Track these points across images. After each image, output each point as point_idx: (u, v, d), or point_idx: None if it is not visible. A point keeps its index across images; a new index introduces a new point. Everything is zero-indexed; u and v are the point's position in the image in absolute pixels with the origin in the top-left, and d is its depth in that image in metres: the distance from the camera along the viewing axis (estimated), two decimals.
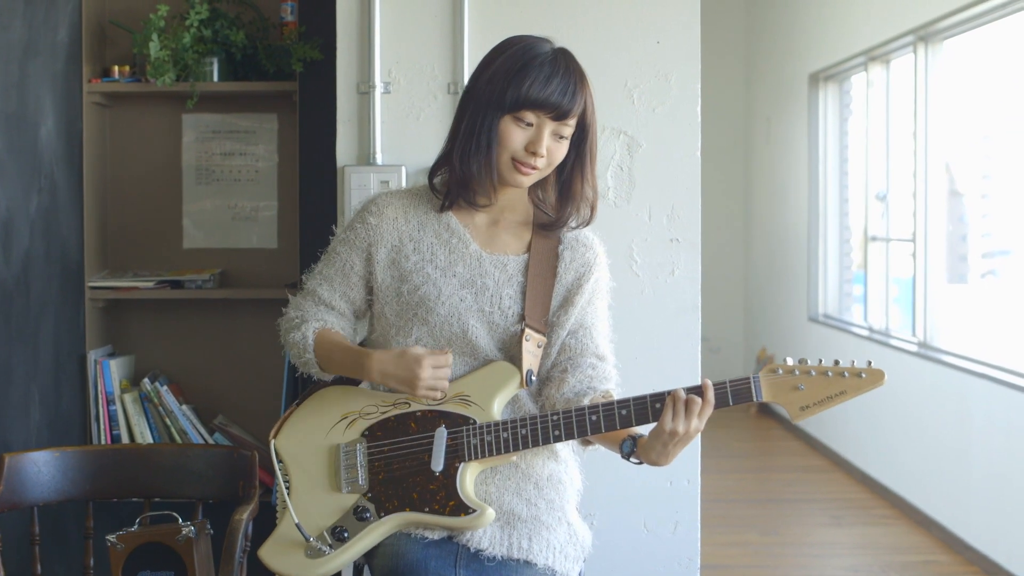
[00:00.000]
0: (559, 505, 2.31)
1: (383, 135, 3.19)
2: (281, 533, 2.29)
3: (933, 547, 5.52)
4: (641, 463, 2.24)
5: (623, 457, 2.25)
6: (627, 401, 2.20)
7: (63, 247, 3.55)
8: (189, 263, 3.87)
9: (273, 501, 2.45)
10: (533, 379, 2.29)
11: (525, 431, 2.22)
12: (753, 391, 2.19)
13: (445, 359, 2.22)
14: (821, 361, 2.20)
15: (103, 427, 3.63)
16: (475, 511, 2.20)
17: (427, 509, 2.22)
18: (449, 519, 2.21)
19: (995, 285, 6.19)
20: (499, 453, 2.23)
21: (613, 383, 2.34)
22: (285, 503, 2.29)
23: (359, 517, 2.24)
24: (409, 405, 2.28)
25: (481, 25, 3.17)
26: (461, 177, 2.29)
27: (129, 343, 3.86)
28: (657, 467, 2.23)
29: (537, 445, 2.22)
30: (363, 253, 2.35)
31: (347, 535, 2.24)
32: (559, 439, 2.22)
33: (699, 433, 2.19)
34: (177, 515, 2.60)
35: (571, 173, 2.33)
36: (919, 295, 6.20)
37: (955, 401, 5.60)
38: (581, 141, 2.30)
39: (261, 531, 2.44)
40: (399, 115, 3.19)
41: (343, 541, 2.24)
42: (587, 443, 2.34)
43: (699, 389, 2.18)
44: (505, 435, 2.22)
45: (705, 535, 3.32)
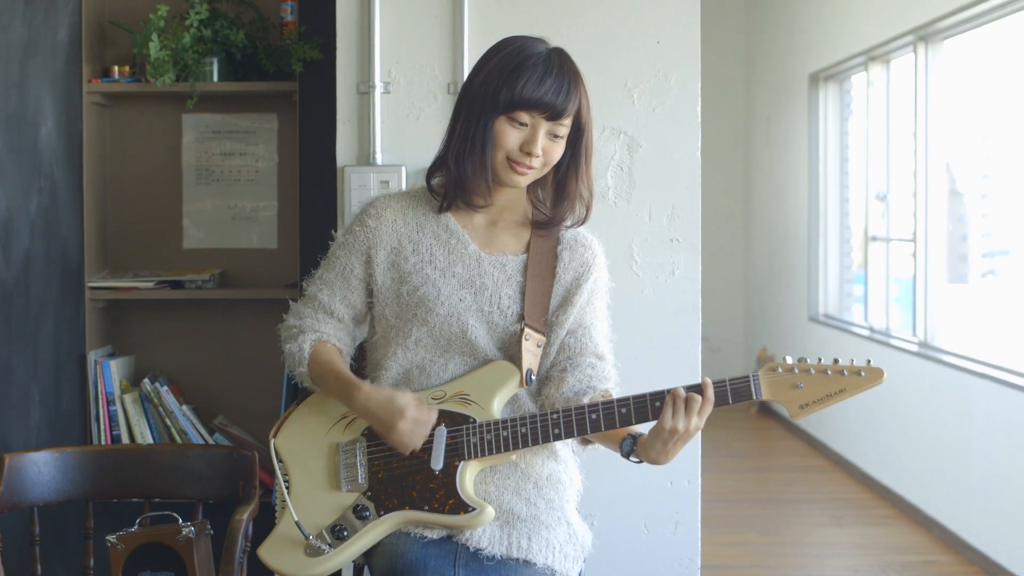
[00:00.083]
0: (558, 505, 2.31)
1: (383, 135, 3.19)
2: (280, 532, 2.29)
3: (933, 547, 5.51)
4: (641, 462, 2.24)
5: (623, 456, 2.25)
6: (627, 400, 2.20)
7: (63, 247, 3.55)
8: (189, 263, 3.87)
9: (273, 501, 2.45)
10: (533, 378, 2.29)
11: (525, 430, 2.22)
12: (752, 389, 2.19)
13: (429, 416, 2.21)
14: (820, 360, 2.20)
15: (103, 427, 3.63)
16: (474, 509, 2.20)
17: (426, 507, 2.22)
18: (448, 517, 2.21)
19: (995, 285, 6.19)
20: (499, 452, 2.23)
21: (612, 382, 2.34)
22: (285, 502, 2.29)
23: (359, 516, 2.25)
24: None
25: (481, 25, 3.17)
26: (457, 178, 2.29)
27: (129, 343, 3.86)
28: (657, 466, 2.23)
29: (537, 443, 2.22)
30: (363, 256, 2.35)
31: (346, 534, 2.24)
32: (559, 437, 2.22)
33: (699, 431, 2.19)
34: (177, 515, 2.60)
35: (566, 172, 2.33)
36: (919, 295, 6.20)
37: (955, 401, 5.60)
38: (577, 140, 2.30)
39: (261, 531, 2.44)
40: (399, 115, 3.19)
41: (342, 540, 2.24)
42: (587, 442, 2.34)
43: (699, 387, 2.18)
44: (505, 434, 2.22)
45: (705, 535, 3.31)
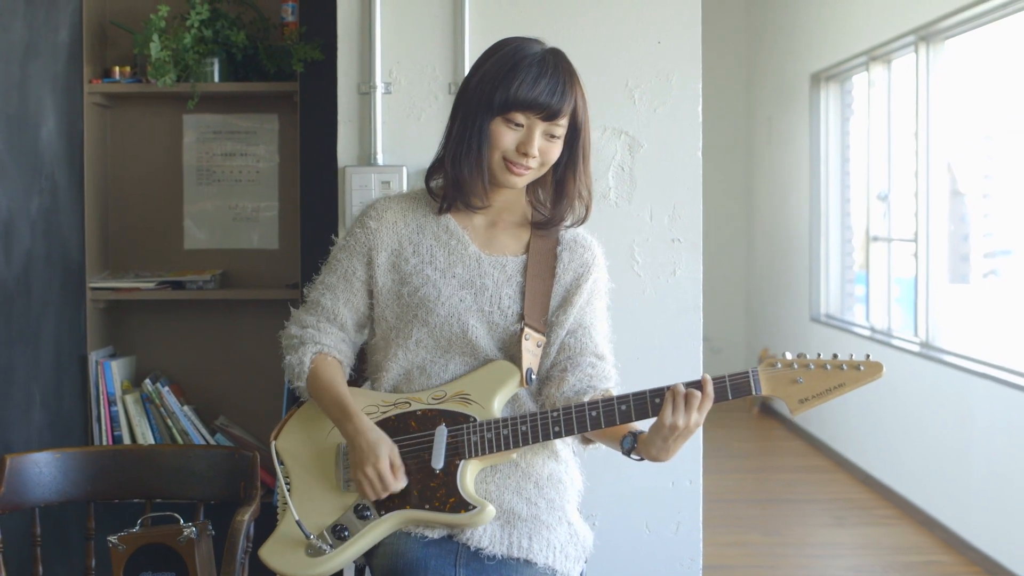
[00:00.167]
0: (559, 505, 2.31)
1: (384, 135, 3.19)
2: (282, 532, 2.29)
3: (935, 547, 5.51)
4: (642, 459, 2.24)
5: (624, 453, 2.25)
6: (627, 397, 2.20)
7: (64, 248, 3.55)
8: (190, 264, 3.87)
9: (274, 502, 2.45)
10: (533, 377, 2.29)
11: (525, 428, 2.22)
12: (752, 385, 2.19)
13: (396, 483, 2.21)
14: (820, 355, 2.20)
15: (104, 428, 3.63)
16: (475, 508, 2.20)
17: (427, 506, 2.22)
18: (450, 516, 2.21)
19: (997, 285, 6.18)
20: (499, 450, 2.23)
21: (613, 382, 2.34)
22: (286, 503, 2.29)
23: (359, 515, 2.25)
24: (409, 404, 2.28)
25: (482, 25, 3.17)
26: (454, 180, 2.29)
27: (130, 344, 3.86)
28: (658, 463, 2.23)
29: (537, 441, 2.23)
30: (364, 258, 2.35)
31: (347, 533, 2.24)
32: (559, 435, 2.22)
33: (699, 428, 2.19)
34: (178, 516, 2.60)
35: (564, 172, 2.33)
36: (921, 295, 6.19)
37: (957, 401, 5.60)
38: (574, 140, 2.30)
39: (262, 532, 2.44)
40: (400, 115, 3.19)
41: (343, 540, 2.24)
42: (587, 442, 2.34)
43: (698, 383, 2.18)
44: (505, 432, 2.22)
45: (707, 535, 3.31)
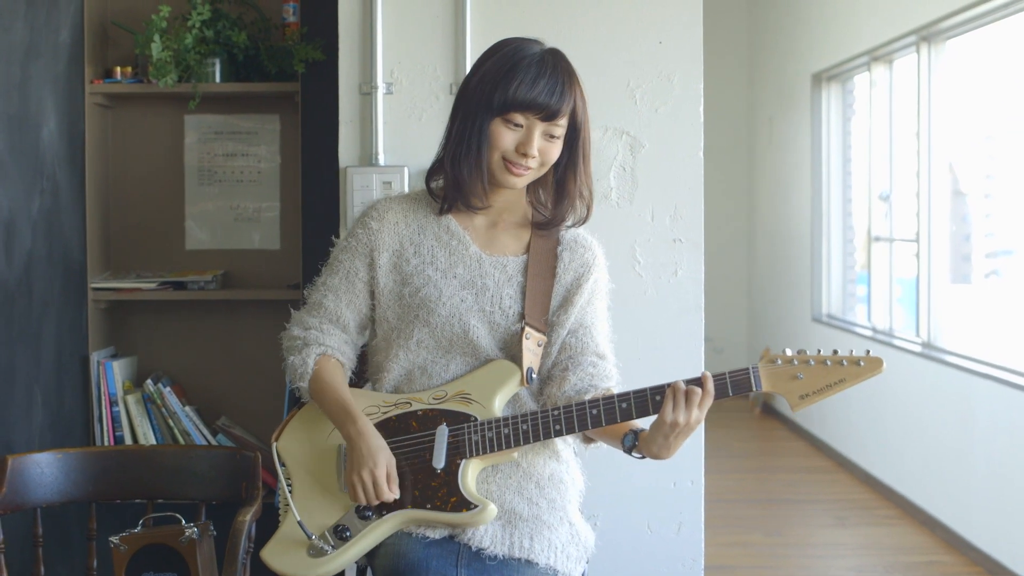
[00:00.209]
0: (561, 505, 2.31)
1: (385, 136, 3.19)
2: (283, 533, 2.29)
3: (937, 547, 5.51)
4: (643, 457, 2.24)
5: (625, 451, 2.25)
6: (627, 394, 2.21)
7: (65, 248, 3.55)
8: (191, 264, 3.87)
9: (276, 502, 2.45)
10: (534, 377, 2.29)
11: (526, 426, 2.22)
12: (752, 381, 2.19)
13: (390, 493, 2.21)
14: (820, 351, 2.20)
15: (106, 428, 3.63)
16: (477, 507, 2.20)
17: (429, 506, 2.22)
18: (451, 515, 2.21)
19: (998, 285, 6.18)
20: (500, 449, 2.23)
21: (614, 381, 2.34)
22: (287, 504, 2.29)
23: (361, 516, 2.24)
24: (410, 404, 2.28)
25: (483, 26, 3.17)
26: (454, 180, 2.30)
27: (132, 344, 3.86)
28: (659, 462, 2.23)
29: (538, 440, 2.23)
30: (366, 258, 2.35)
31: (349, 534, 2.24)
32: (560, 434, 2.22)
33: (700, 424, 2.19)
34: (180, 516, 2.59)
35: (564, 172, 2.33)
36: (923, 295, 6.19)
37: (958, 401, 5.59)
38: (573, 140, 2.31)
39: (264, 532, 2.44)
40: (401, 116, 3.19)
41: (345, 540, 2.24)
42: (589, 441, 2.34)
43: (699, 380, 2.18)
44: (506, 431, 2.22)
45: (709, 536, 3.31)
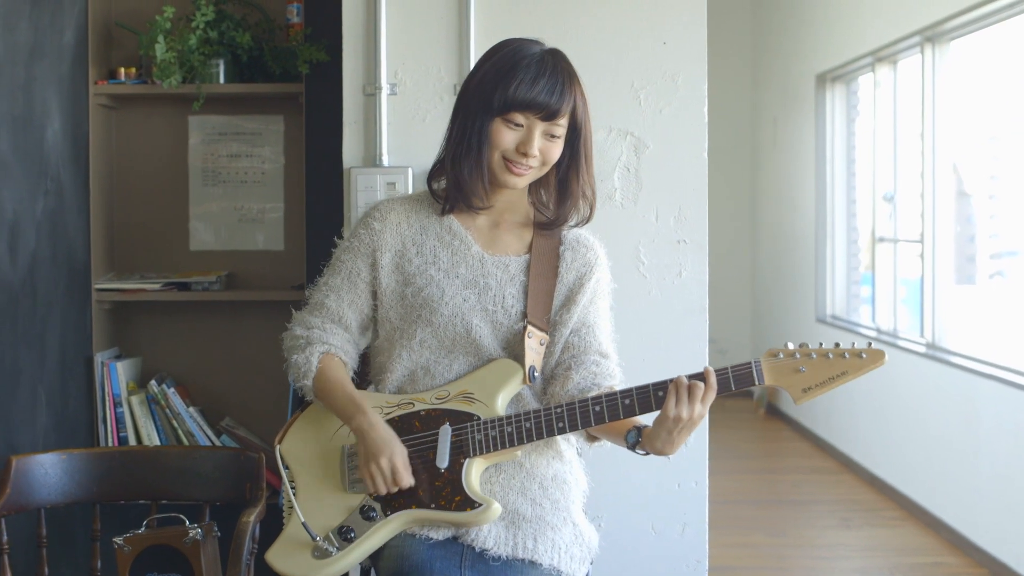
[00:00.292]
0: (564, 505, 2.31)
1: (389, 136, 3.19)
2: (288, 535, 2.29)
3: (941, 549, 5.50)
4: (647, 454, 2.24)
5: (628, 448, 2.25)
6: (630, 391, 2.21)
7: (69, 249, 3.55)
8: (195, 265, 3.87)
9: (280, 503, 2.45)
10: (536, 375, 2.30)
11: (529, 424, 2.22)
12: (755, 375, 2.20)
13: (405, 479, 2.20)
14: (822, 344, 2.21)
15: (110, 429, 3.63)
16: (481, 505, 2.20)
17: (433, 505, 2.22)
18: (455, 514, 2.21)
19: (1003, 286, 6.17)
20: (504, 448, 2.23)
21: (617, 380, 2.34)
22: (292, 506, 2.29)
23: (365, 516, 2.24)
24: (413, 405, 2.28)
25: (487, 26, 3.17)
26: (454, 180, 2.30)
27: (136, 345, 3.86)
28: (664, 461, 2.23)
29: (541, 437, 2.23)
30: (368, 259, 2.36)
31: (354, 535, 2.24)
32: (563, 431, 2.22)
33: (702, 420, 2.19)
34: (184, 517, 2.60)
35: (567, 172, 2.34)
36: (927, 296, 6.18)
37: (963, 402, 5.58)
38: (574, 140, 2.31)
39: (268, 533, 2.44)
40: (405, 116, 3.19)
41: (349, 541, 2.24)
42: (592, 439, 2.34)
43: (701, 375, 2.18)
44: (509, 429, 2.22)
45: (713, 537, 3.31)
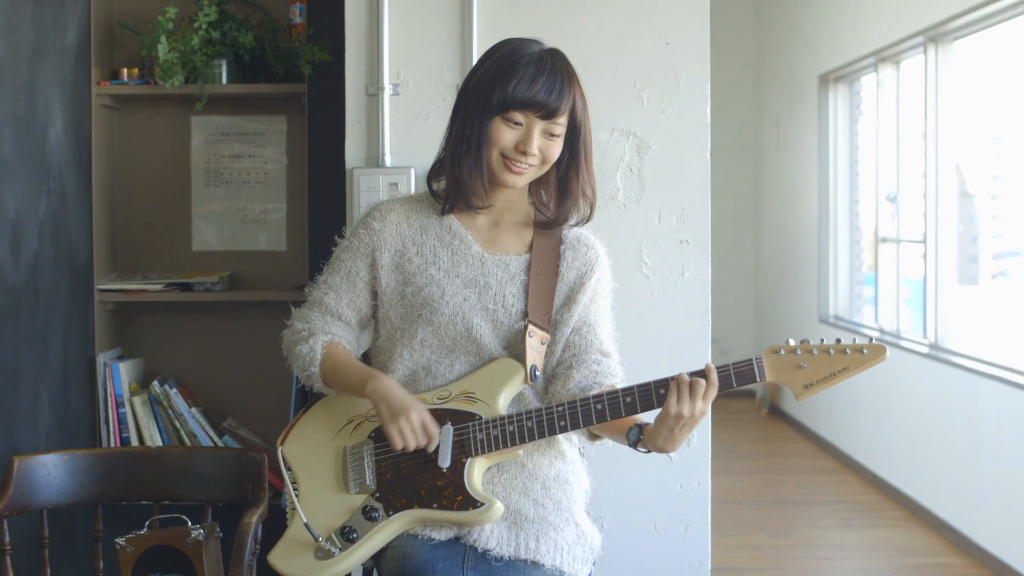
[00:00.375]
0: (566, 506, 2.31)
1: (392, 137, 3.18)
2: (290, 536, 2.29)
3: (944, 549, 5.50)
4: (649, 451, 2.24)
5: (630, 445, 2.25)
6: (631, 388, 2.21)
7: (72, 249, 3.55)
8: (198, 265, 3.87)
9: (282, 504, 2.45)
10: (537, 374, 2.30)
11: (531, 423, 2.22)
12: (756, 371, 2.19)
13: (433, 433, 2.21)
14: (823, 340, 2.21)
15: (112, 430, 3.63)
16: (483, 505, 2.20)
17: (435, 505, 2.22)
18: (458, 514, 2.21)
19: (1006, 286, 6.16)
20: (505, 447, 2.23)
21: (618, 378, 2.34)
22: (294, 508, 2.29)
23: (368, 517, 2.24)
24: None
25: (490, 27, 3.16)
26: (454, 180, 2.31)
27: (138, 346, 3.86)
28: (666, 462, 2.22)
29: (543, 436, 2.23)
30: (368, 258, 2.36)
31: (356, 535, 2.24)
32: (564, 429, 2.22)
33: (704, 417, 2.19)
34: (186, 518, 2.60)
35: (567, 171, 2.35)
36: (930, 296, 6.18)
37: (966, 402, 5.58)
38: (574, 139, 2.32)
39: (270, 534, 2.44)
40: (408, 117, 3.19)
41: (352, 542, 2.24)
42: (594, 437, 2.34)
43: (703, 372, 2.18)
44: (511, 428, 2.22)
45: (715, 537, 3.31)
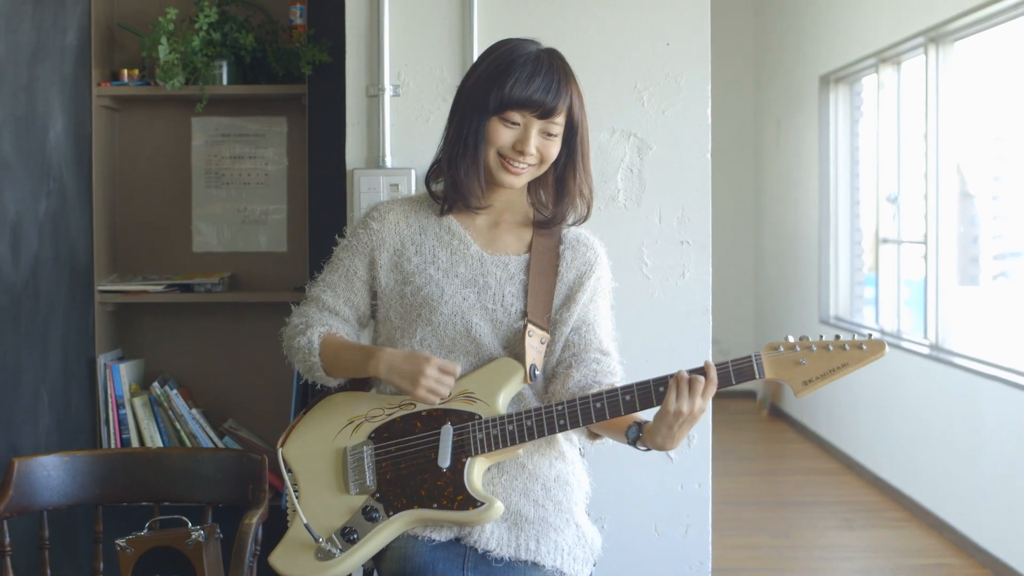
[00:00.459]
0: (567, 507, 2.30)
1: (392, 138, 3.18)
2: (291, 538, 2.29)
3: (944, 550, 5.49)
4: (648, 449, 2.24)
5: (629, 443, 2.25)
6: (631, 386, 2.21)
7: (72, 250, 3.55)
8: (198, 266, 3.87)
9: (283, 505, 2.45)
10: (536, 373, 2.30)
11: (530, 422, 2.22)
12: (755, 369, 2.20)
13: (453, 368, 2.22)
14: (822, 336, 2.21)
15: (113, 431, 3.63)
16: (483, 504, 2.20)
17: (435, 505, 2.22)
18: (458, 513, 2.21)
19: (1006, 287, 6.16)
20: (505, 446, 2.23)
21: (618, 377, 2.34)
22: (295, 510, 2.29)
23: (368, 517, 2.24)
24: (414, 405, 2.28)
25: (490, 27, 3.16)
26: (452, 180, 2.32)
27: (139, 347, 3.86)
28: (664, 452, 2.22)
29: (543, 435, 2.23)
30: (366, 258, 2.37)
31: (356, 536, 2.24)
32: (564, 428, 2.22)
33: (703, 414, 2.19)
34: (187, 519, 2.59)
35: (564, 170, 2.35)
36: (930, 297, 6.18)
37: (966, 403, 5.58)
38: (571, 138, 2.32)
39: (271, 535, 2.44)
40: (408, 118, 3.19)
41: (352, 542, 2.24)
42: (595, 436, 2.34)
43: (702, 370, 2.18)
44: (510, 427, 2.23)
45: (716, 538, 3.30)
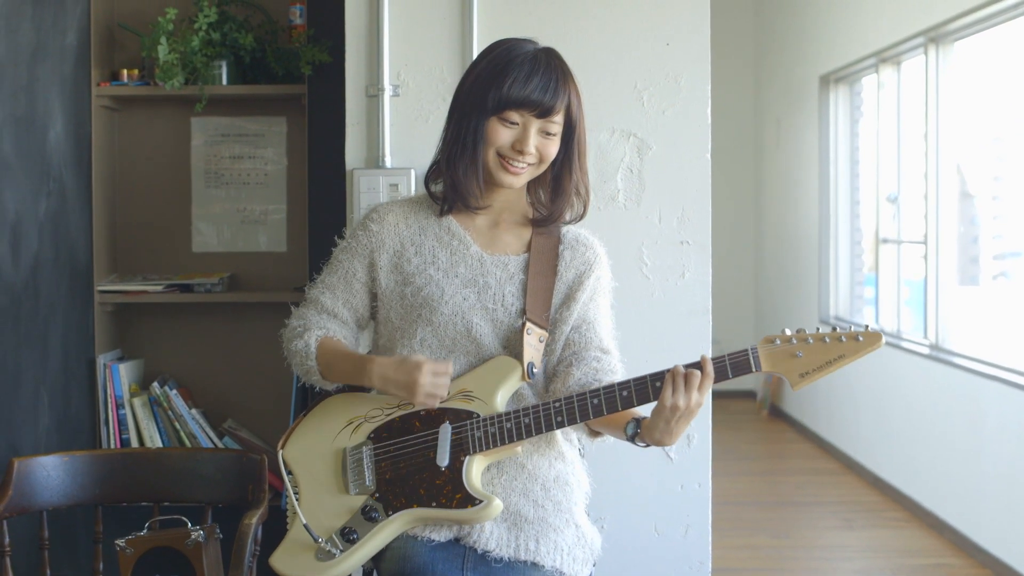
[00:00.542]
0: (566, 507, 2.31)
1: (392, 138, 3.18)
2: (291, 539, 2.29)
3: (945, 550, 5.49)
4: (647, 445, 2.24)
5: (628, 440, 2.25)
6: (627, 382, 2.21)
7: (72, 250, 3.55)
8: (198, 267, 3.87)
9: (282, 505, 2.45)
10: (535, 371, 2.30)
11: (528, 420, 2.23)
12: (751, 362, 2.19)
13: (445, 367, 2.22)
14: (819, 328, 2.21)
15: (112, 431, 3.63)
16: (482, 502, 2.20)
17: (434, 504, 2.22)
18: (457, 512, 2.21)
19: (1006, 287, 6.16)
20: (503, 444, 2.23)
21: (619, 376, 2.34)
22: (295, 512, 2.29)
23: (367, 517, 2.24)
24: (413, 405, 2.28)
25: (490, 27, 3.16)
26: (450, 180, 2.32)
27: (138, 347, 3.85)
28: (663, 447, 2.23)
29: (541, 432, 2.23)
30: (365, 260, 2.37)
31: (356, 536, 2.24)
32: (562, 425, 2.23)
33: (700, 409, 2.19)
34: (186, 519, 2.59)
35: (561, 169, 2.36)
36: (931, 297, 6.17)
37: (967, 403, 5.58)
38: (569, 137, 2.32)
39: (270, 535, 2.44)
40: (408, 118, 3.19)
41: (352, 542, 2.24)
42: (595, 434, 2.34)
43: (698, 364, 2.18)
44: (508, 425, 2.23)
45: (716, 538, 3.30)
